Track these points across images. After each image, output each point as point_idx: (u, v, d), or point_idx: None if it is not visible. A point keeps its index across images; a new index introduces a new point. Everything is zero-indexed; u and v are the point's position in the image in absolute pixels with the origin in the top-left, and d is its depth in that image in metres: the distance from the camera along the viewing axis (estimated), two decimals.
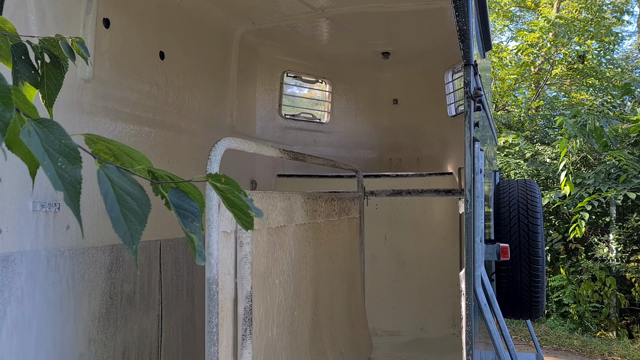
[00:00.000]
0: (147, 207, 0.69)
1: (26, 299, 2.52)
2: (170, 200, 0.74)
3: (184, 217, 0.75)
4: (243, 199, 0.78)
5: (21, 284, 2.49)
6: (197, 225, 0.76)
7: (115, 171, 0.67)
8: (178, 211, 0.75)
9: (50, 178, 0.61)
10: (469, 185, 2.67)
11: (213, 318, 2.08)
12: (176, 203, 0.75)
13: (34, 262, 2.59)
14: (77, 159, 0.63)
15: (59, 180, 0.61)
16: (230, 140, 2.25)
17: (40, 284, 2.62)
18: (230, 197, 0.78)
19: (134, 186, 0.68)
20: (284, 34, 5.32)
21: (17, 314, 2.46)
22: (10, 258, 2.42)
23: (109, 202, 0.66)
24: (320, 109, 6.58)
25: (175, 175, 0.77)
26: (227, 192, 0.78)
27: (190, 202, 0.75)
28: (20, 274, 2.49)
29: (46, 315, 2.65)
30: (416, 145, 6.56)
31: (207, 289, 2.08)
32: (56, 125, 0.63)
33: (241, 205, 0.78)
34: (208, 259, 2.09)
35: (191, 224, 0.76)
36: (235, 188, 0.78)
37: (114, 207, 0.65)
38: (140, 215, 0.67)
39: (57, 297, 2.72)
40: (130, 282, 3.29)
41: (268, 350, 2.64)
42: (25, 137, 0.61)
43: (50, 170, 0.61)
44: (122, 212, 0.65)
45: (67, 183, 0.61)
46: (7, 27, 0.93)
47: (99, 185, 0.65)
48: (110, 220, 0.67)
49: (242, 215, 0.80)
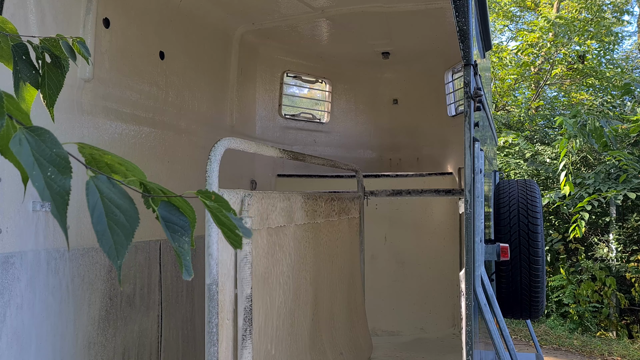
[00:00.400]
0: (136, 220, 0.68)
1: (26, 299, 2.52)
2: (160, 214, 0.73)
3: (173, 231, 0.74)
4: (231, 218, 0.78)
5: (21, 283, 2.49)
6: (187, 239, 0.75)
7: (105, 182, 0.66)
8: (167, 225, 0.74)
9: (37, 189, 0.60)
10: (469, 185, 2.66)
11: (213, 318, 2.08)
12: (166, 217, 0.74)
13: (34, 262, 2.59)
14: (68, 168, 0.62)
15: (47, 191, 0.61)
16: (230, 140, 2.25)
17: (40, 284, 2.62)
18: (219, 215, 0.78)
19: (123, 198, 0.67)
20: (284, 34, 5.32)
21: (17, 314, 2.46)
22: (10, 259, 2.42)
23: (96, 216, 0.65)
24: (320, 109, 6.57)
25: (167, 189, 0.76)
26: (215, 210, 0.77)
27: (181, 216, 0.75)
28: (20, 274, 2.49)
29: (46, 315, 2.65)
30: (416, 145, 6.55)
31: (207, 290, 2.08)
32: (48, 133, 0.63)
33: (229, 225, 0.78)
34: (208, 259, 2.09)
35: (180, 239, 0.75)
36: (224, 207, 0.78)
37: (101, 220, 0.64)
38: (127, 228, 0.66)
39: (56, 297, 2.72)
40: (130, 283, 3.29)
41: (268, 350, 2.64)
42: (16, 146, 0.60)
43: (39, 181, 0.60)
44: (109, 225, 0.64)
45: (55, 193, 0.61)
46: (8, 27, 0.93)
47: (86, 197, 0.64)
48: (96, 234, 0.65)
49: (230, 233, 0.79)
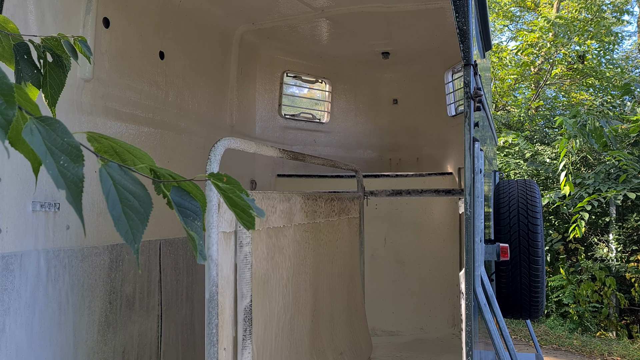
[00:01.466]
0: (149, 205, 0.68)
1: (26, 299, 2.52)
2: (172, 199, 0.74)
3: (185, 215, 0.75)
4: (245, 199, 0.78)
5: (20, 283, 2.49)
6: (199, 224, 0.75)
7: (117, 169, 0.67)
8: (180, 210, 0.75)
9: (52, 176, 0.60)
10: (468, 186, 2.66)
11: (213, 319, 2.08)
12: (178, 202, 0.75)
13: (34, 262, 2.59)
14: (80, 157, 0.63)
15: (61, 179, 0.61)
16: (230, 140, 2.25)
17: (40, 284, 2.62)
18: (231, 196, 0.78)
19: (136, 185, 0.68)
20: (284, 34, 5.32)
21: (17, 313, 2.46)
22: (9, 259, 2.42)
23: (111, 201, 0.66)
24: (320, 108, 6.57)
25: (177, 174, 0.77)
26: (228, 191, 0.78)
27: (192, 201, 0.75)
28: (20, 274, 2.49)
29: (46, 315, 2.65)
30: (416, 145, 6.55)
31: (207, 290, 2.08)
32: (59, 123, 0.63)
33: (243, 205, 0.78)
34: (208, 260, 2.09)
35: (192, 223, 0.75)
36: (237, 187, 0.78)
37: (116, 205, 0.65)
38: (142, 213, 0.66)
39: (56, 297, 2.72)
40: (130, 283, 3.29)
41: (268, 350, 2.64)
42: (28, 135, 0.61)
43: (52, 169, 0.60)
44: (124, 210, 0.65)
45: (70, 181, 0.61)
46: (9, 26, 0.93)
47: (100, 183, 0.64)
48: (112, 219, 0.66)
49: (243, 215, 0.80)
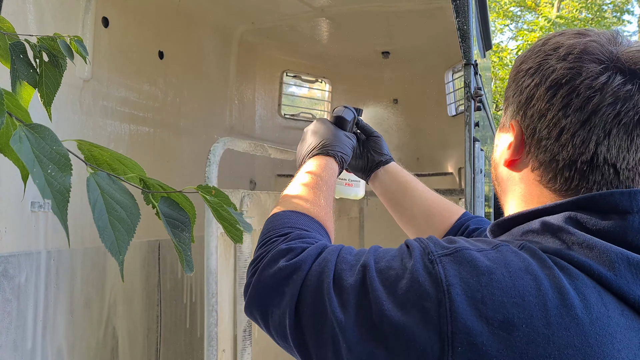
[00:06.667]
0: (137, 216, 0.67)
1: (25, 299, 2.52)
2: (160, 210, 0.73)
3: (173, 226, 0.74)
4: (232, 213, 0.78)
5: (20, 283, 2.48)
6: (187, 235, 0.75)
7: (105, 178, 0.66)
8: (168, 221, 0.74)
9: (38, 186, 0.59)
10: (469, 186, 2.66)
11: (212, 320, 2.07)
12: (166, 212, 0.74)
13: (34, 262, 2.58)
14: (68, 166, 0.62)
15: (48, 189, 0.60)
16: (230, 140, 2.24)
17: (40, 285, 2.62)
18: (219, 210, 0.78)
19: (124, 194, 0.67)
20: (284, 34, 5.31)
21: (16, 313, 2.45)
22: (9, 259, 2.42)
23: (98, 211, 0.65)
24: (320, 108, 6.57)
25: (167, 185, 0.76)
26: (216, 205, 0.77)
27: (181, 211, 0.75)
28: (20, 274, 2.48)
29: (45, 315, 2.65)
30: (416, 145, 6.54)
31: (207, 290, 2.08)
32: (48, 131, 0.62)
33: (230, 219, 0.78)
34: (207, 260, 2.09)
35: (180, 234, 0.75)
36: (224, 201, 0.78)
37: (102, 215, 0.64)
38: (128, 224, 0.66)
39: (56, 297, 2.71)
40: (130, 283, 3.28)
41: (268, 350, 2.63)
42: (16, 143, 0.60)
43: (39, 178, 0.59)
44: (111, 221, 0.64)
45: (56, 191, 0.60)
46: (5, 25, 0.92)
47: (87, 193, 0.63)
48: (97, 229, 0.65)
49: (231, 228, 0.79)
